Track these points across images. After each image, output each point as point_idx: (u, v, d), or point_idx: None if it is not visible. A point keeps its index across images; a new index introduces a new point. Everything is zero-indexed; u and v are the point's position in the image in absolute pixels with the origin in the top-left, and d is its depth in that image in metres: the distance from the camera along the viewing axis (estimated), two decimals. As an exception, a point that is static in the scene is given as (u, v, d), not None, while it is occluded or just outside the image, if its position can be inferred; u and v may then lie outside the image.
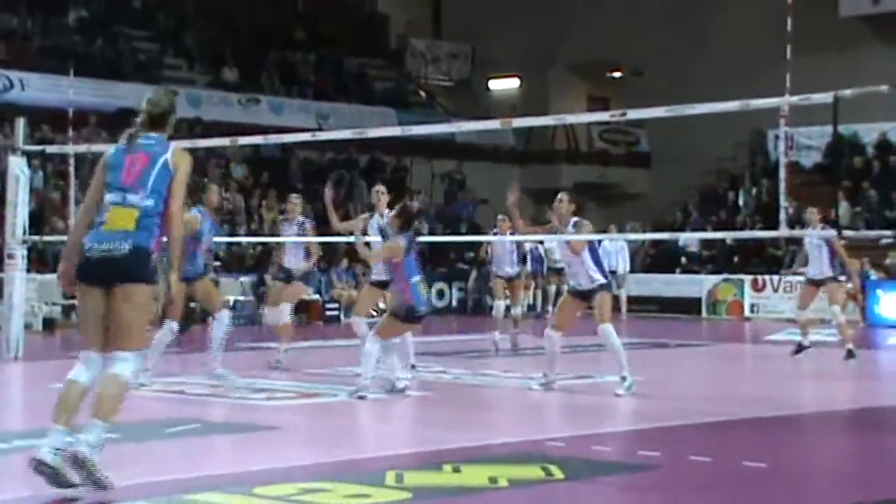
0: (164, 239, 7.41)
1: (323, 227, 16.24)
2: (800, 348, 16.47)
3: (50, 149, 19.15)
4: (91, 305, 7.21)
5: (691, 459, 8.48)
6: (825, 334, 18.87)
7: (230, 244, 24.99)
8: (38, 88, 28.25)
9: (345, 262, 26.06)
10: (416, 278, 11.90)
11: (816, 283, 16.37)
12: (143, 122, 7.74)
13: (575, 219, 12.63)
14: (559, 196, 12.72)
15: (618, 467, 8.18)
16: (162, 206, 7.32)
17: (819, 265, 16.18)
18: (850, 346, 15.93)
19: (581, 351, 17.36)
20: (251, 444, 9.29)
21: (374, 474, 7.69)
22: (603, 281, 12.45)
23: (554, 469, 7.86)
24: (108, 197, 7.36)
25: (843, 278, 16.80)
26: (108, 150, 7.78)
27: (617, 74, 39.31)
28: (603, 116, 19.20)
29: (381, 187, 14.60)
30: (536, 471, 7.85)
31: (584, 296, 12.53)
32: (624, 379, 12.12)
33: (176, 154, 7.59)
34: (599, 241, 25.92)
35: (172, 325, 12.42)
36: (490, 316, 23.46)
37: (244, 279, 25.07)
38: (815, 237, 16.01)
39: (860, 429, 10.73)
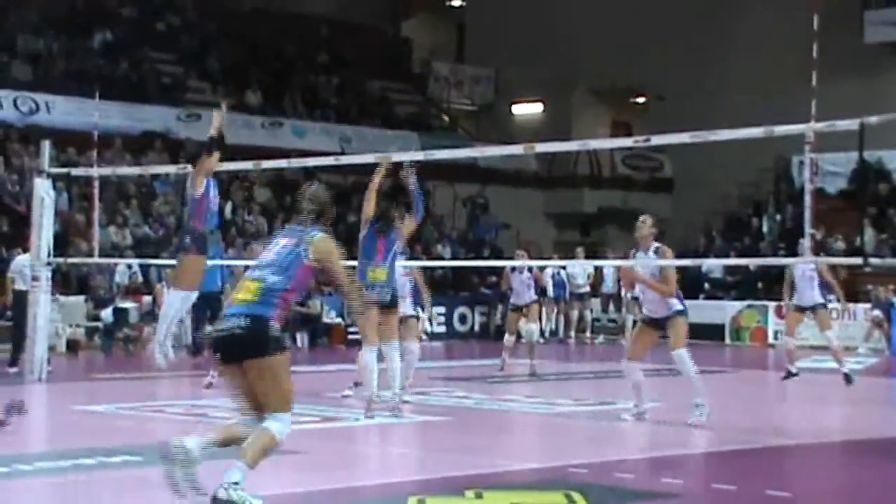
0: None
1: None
2: (788, 375, 16.34)
3: (75, 171, 19.19)
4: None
5: (714, 487, 8.43)
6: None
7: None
8: (63, 111, 28.38)
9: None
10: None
11: (803, 310, 16.30)
12: (306, 218, 8.08)
13: (656, 244, 12.35)
14: (641, 218, 12.45)
15: (640, 495, 8.14)
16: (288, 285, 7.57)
17: (810, 293, 16.09)
18: (845, 370, 15.80)
19: (602, 377, 17.32)
20: (273, 468, 9.24)
21: (397, 499, 7.68)
22: (680, 307, 12.19)
23: (576, 496, 7.82)
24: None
25: (831, 303, 16.77)
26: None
27: (640, 100, 39.30)
28: (626, 142, 19.13)
29: None
30: (559, 497, 7.81)
31: (659, 324, 12.28)
32: (698, 406, 11.86)
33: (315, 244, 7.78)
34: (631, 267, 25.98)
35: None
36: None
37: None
38: (807, 267, 15.92)
39: (886, 457, 10.64)
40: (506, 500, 7.73)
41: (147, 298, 23.45)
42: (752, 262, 27.96)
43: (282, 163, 17.29)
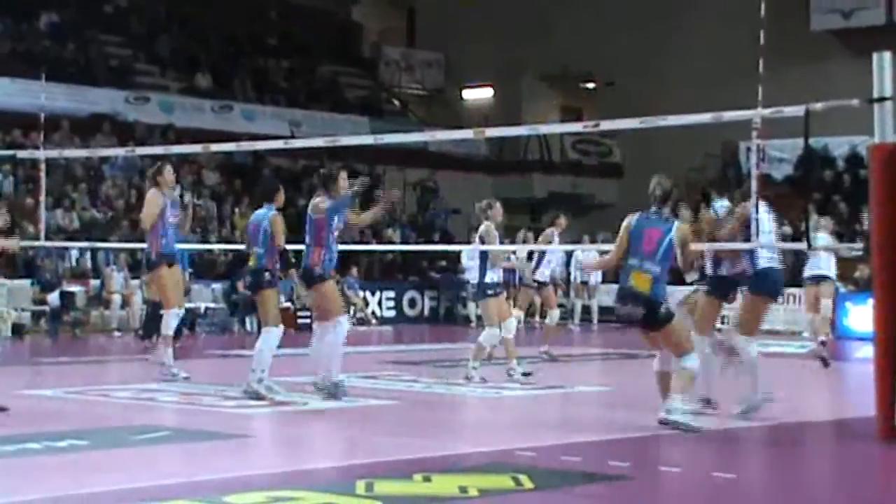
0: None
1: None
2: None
3: (21, 154, 19.04)
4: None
5: (661, 470, 8.49)
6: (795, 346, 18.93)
7: (202, 251, 24.91)
8: (8, 93, 28.06)
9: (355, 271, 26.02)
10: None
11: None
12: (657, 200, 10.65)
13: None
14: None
15: (587, 477, 8.17)
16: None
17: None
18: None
19: (550, 361, 17.37)
20: (220, 451, 9.26)
21: (344, 483, 7.67)
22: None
23: (523, 479, 7.86)
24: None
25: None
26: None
27: (590, 85, 39.40)
28: (576, 127, 19.27)
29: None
30: (506, 480, 7.85)
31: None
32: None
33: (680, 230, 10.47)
34: (572, 252, 26.05)
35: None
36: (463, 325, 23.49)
37: (216, 286, 25.00)
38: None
39: (836, 440, 10.76)
40: (453, 482, 7.74)
41: (94, 283, 23.31)
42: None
43: (231, 146, 17.22)
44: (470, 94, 41.04)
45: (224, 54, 35.22)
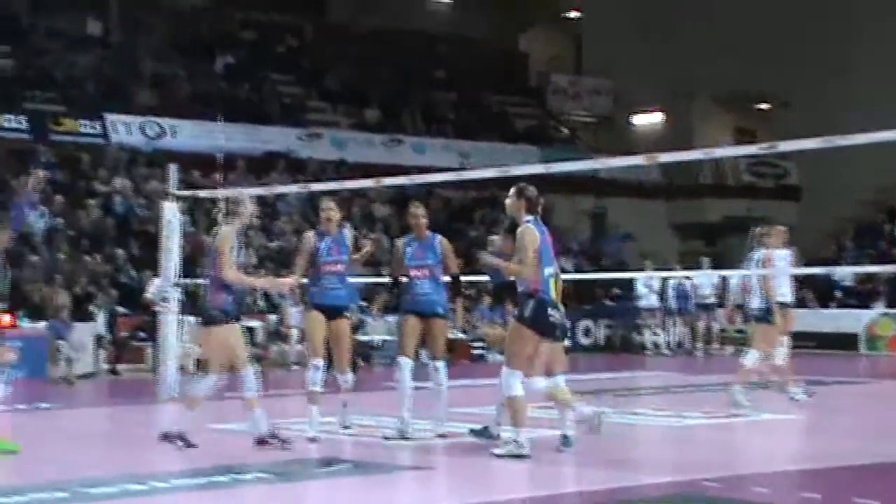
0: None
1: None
2: None
3: (201, 193, 19.45)
4: None
5: (856, 502, 8.20)
6: None
7: (375, 284, 25.10)
8: (188, 135, 28.88)
9: (487, 300, 25.96)
10: None
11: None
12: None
13: None
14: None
15: (778, 509, 7.96)
16: None
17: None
18: None
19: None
20: (402, 483, 9.29)
21: None
22: None
23: (712, 511, 7.68)
24: None
25: None
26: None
27: (764, 106, 38.74)
28: (752, 149, 18.82)
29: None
30: (694, 512, 7.68)
31: None
32: None
33: None
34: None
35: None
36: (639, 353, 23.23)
37: (389, 318, 25.16)
38: None
39: None
40: None
41: (272, 318, 23.66)
42: (886, 270, 27.27)
43: (403, 180, 17.30)
44: (639, 120, 40.73)
45: (393, 88, 35.63)
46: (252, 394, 10.74)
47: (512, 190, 10.57)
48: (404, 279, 11.85)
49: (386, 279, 14.27)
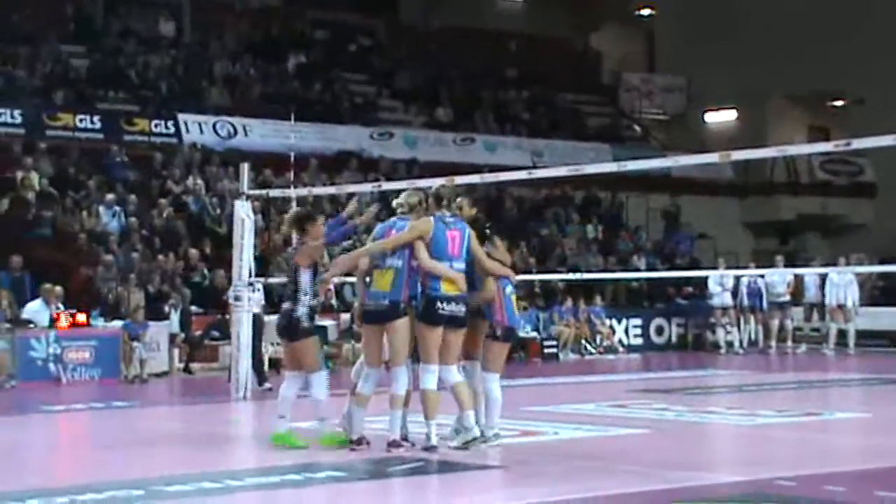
0: None
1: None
2: None
3: (273, 192, 19.57)
4: None
5: (934, 501, 8.09)
6: None
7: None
8: (260, 134, 29.08)
9: (569, 301, 25.92)
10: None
11: None
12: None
13: None
14: None
15: (853, 508, 7.87)
16: None
17: None
18: None
19: (806, 387, 16.89)
20: (475, 482, 9.30)
21: None
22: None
23: (786, 510, 7.61)
24: None
25: None
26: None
27: (838, 103, 38.32)
28: (827, 146, 18.60)
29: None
30: (767, 511, 7.62)
31: None
32: None
33: None
34: (826, 274, 25.29)
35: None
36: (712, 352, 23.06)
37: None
38: None
39: None
40: None
41: (345, 316, 23.74)
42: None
43: (475, 178, 17.29)
44: (712, 118, 40.43)
45: (465, 87, 35.64)
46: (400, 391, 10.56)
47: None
48: None
49: None
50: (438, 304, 10.29)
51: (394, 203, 10.91)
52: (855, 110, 36.53)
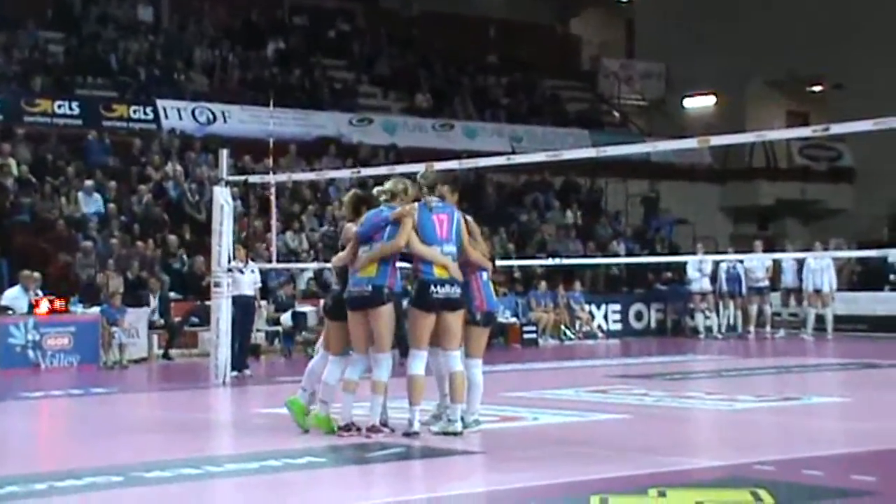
0: None
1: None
2: None
3: (252, 178, 19.55)
4: None
5: (911, 484, 8.15)
6: None
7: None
8: (239, 120, 29.05)
9: (543, 285, 25.99)
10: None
11: None
12: None
13: None
14: None
15: (831, 492, 7.91)
16: None
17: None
18: None
19: (784, 372, 16.96)
20: (455, 468, 9.33)
21: (579, 498, 7.64)
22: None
23: (763, 494, 7.64)
24: None
25: None
26: None
27: (817, 88, 38.43)
28: (805, 131, 18.61)
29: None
30: (745, 495, 7.64)
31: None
32: None
33: None
34: (803, 259, 25.36)
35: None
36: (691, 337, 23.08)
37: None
38: None
39: None
40: (690, 498, 7.61)
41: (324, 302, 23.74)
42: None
43: (454, 164, 17.28)
44: (691, 103, 40.50)
45: (444, 73, 35.63)
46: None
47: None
48: None
49: None
50: (432, 287, 10.29)
51: (375, 190, 10.90)
52: (834, 95, 36.66)
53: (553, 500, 7.60)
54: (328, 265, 12.64)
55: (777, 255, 27.35)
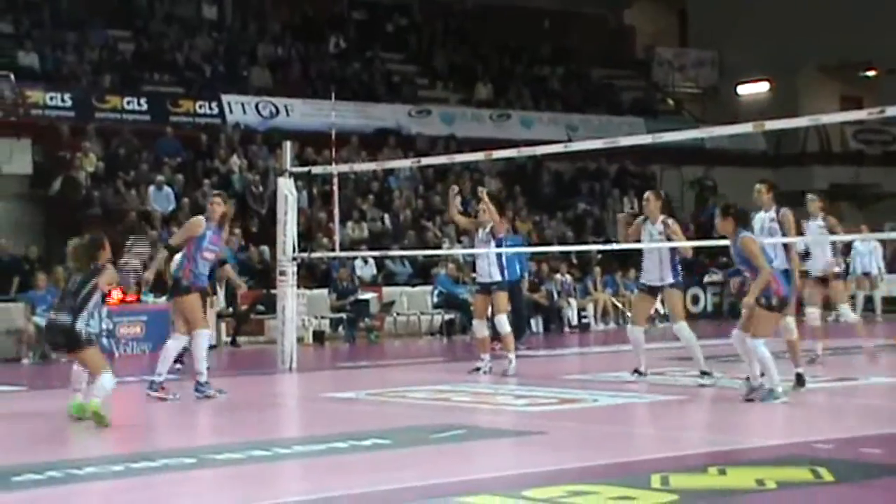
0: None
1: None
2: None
3: (315, 170, 19.91)
4: None
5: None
6: None
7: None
8: (302, 113, 29.48)
9: (597, 270, 26.24)
10: None
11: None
12: None
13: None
14: None
15: (888, 470, 7.99)
16: None
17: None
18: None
19: (841, 353, 17.09)
20: (517, 448, 9.48)
21: (640, 477, 7.66)
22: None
23: (823, 471, 7.70)
24: None
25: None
26: None
27: (870, 73, 38.29)
28: (860, 114, 18.67)
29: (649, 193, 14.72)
30: (805, 473, 7.71)
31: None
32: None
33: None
34: (850, 242, 25.44)
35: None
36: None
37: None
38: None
39: None
40: (750, 476, 7.65)
41: (386, 290, 24.17)
42: None
43: (512, 152, 17.59)
44: (745, 90, 40.48)
45: (500, 65, 35.87)
46: None
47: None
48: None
49: None
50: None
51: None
52: (887, 80, 36.53)
53: (614, 479, 7.65)
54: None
55: (821, 238, 27.34)
